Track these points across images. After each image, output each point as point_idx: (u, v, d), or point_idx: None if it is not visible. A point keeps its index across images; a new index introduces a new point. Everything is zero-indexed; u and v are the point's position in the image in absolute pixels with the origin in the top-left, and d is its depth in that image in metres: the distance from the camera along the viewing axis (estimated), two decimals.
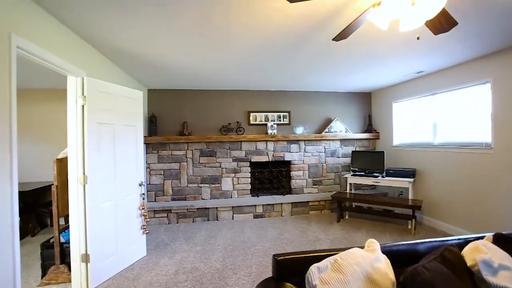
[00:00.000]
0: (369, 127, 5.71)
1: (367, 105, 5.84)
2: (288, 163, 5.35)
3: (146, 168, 4.77)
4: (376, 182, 4.49)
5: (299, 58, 3.39)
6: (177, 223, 4.53)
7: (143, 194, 3.15)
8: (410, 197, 4.24)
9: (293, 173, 5.31)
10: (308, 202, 4.97)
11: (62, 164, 2.64)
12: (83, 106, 2.44)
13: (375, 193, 5.29)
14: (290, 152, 5.30)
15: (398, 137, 5.10)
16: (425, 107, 4.43)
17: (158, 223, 4.49)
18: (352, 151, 5.11)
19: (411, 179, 4.23)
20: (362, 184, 5.49)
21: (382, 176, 4.51)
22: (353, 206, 4.86)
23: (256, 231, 4.11)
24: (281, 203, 4.86)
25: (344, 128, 5.55)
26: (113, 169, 2.76)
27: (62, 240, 2.70)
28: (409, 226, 4.15)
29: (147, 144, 4.77)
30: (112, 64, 3.36)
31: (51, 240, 2.74)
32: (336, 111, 5.65)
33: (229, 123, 5.11)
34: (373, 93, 5.81)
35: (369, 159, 4.89)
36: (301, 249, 3.40)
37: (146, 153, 4.78)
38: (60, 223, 2.69)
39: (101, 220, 2.61)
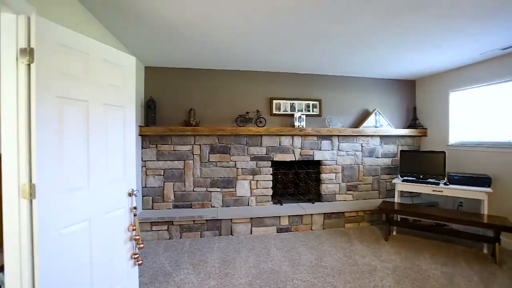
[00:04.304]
0: (413, 122, 4.71)
1: (410, 95, 4.83)
2: (318, 163, 4.34)
3: (142, 167, 3.75)
4: (437, 190, 3.49)
5: (354, 23, 2.36)
6: (181, 238, 3.52)
7: (135, 208, 2.14)
8: (484, 211, 3.24)
9: (323, 176, 4.30)
10: (343, 213, 3.98)
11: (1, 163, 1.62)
12: (29, 65, 1.41)
13: (419, 203, 4.31)
14: (320, 150, 4.29)
15: (456, 134, 4.10)
16: (505, 96, 3.42)
17: (156, 238, 3.47)
18: (401, 151, 4.10)
19: (487, 189, 3.22)
20: (406, 192, 4.51)
21: (445, 184, 3.51)
22: (399, 219, 3.87)
23: (285, 253, 3.11)
24: (311, 214, 3.85)
25: (386, 123, 4.54)
26: (86, 173, 1.74)
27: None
28: (485, 251, 3.16)
29: (143, 137, 3.75)
30: (91, 16, 2.32)
31: None
32: (375, 102, 4.64)
33: (247, 112, 4.09)
34: (418, 80, 4.79)
35: (423, 161, 3.87)
36: (358, 286, 2.41)
37: (142, 148, 3.75)
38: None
39: (63, 255, 1.60)
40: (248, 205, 4.02)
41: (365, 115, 4.57)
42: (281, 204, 4.09)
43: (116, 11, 2.27)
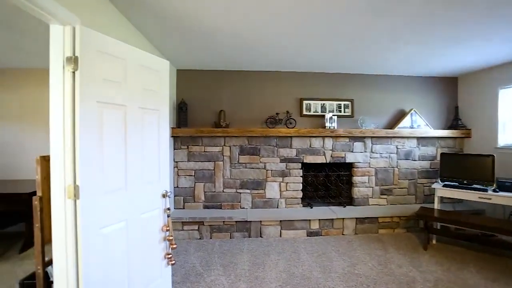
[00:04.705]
0: (454, 122, 4.38)
1: (452, 93, 4.50)
2: (350, 165, 4.19)
3: (174, 167, 3.85)
4: (485, 198, 3.20)
5: (395, 17, 2.21)
6: (211, 238, 3.57)
7: (168, 209, 2.19)
8: None
9: (356, 179, 4.14)
10: (377, 218, 3.79)
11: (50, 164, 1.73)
12: (73, 73, 1.48)
13: (462, 210, 4.00)
14: (353, 152, 4.13)
15: (507, 135, 3.74)
16: None
17: (187, 237, 3.55)
18: (442, 154, 3.82)
19: None
20: (446, 198, 4.20)
21: (494, 190, 3.21)
22: (439, 226, 3.61)
23: (316, 258, 3.03)
24: (343, 218, 3.72)
25: (423, 123, 4.27)
26: (123, 175, 1.80)
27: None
28: None
29: (175, 138, 3.84)
30: (127, 22, 2.40)
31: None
32: (412, 101, 4.38)
33: (277, 113, 4.04)
34: (461, 77, 4.45)
35: (467, 165, 3.58)
36: None
37: (174, 149, 3.85)
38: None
39: (104, 253, 1.67)
40: (277, 207, 3.98)
41: (400, 115, 4.33)
42: (311, 207, 4.00)
43: (151, 16, 2.33)
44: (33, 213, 1.71)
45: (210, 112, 4.01)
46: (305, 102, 4.14)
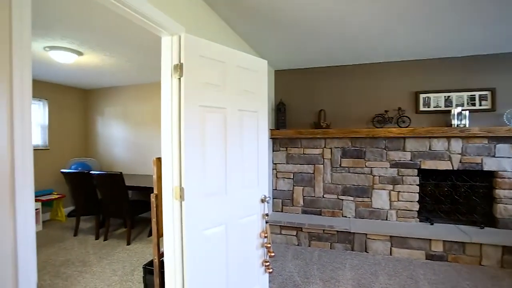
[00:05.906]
0: None
1: None
2: (490, 175, 3.24)
3: (273, 169, 3.85)
4: None
5: None
6: (309, 246, 3.38)
7: (267, 215, 2.13)
8: None
9: (500, 193, 3.16)
10: None
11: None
12: (179, 79, 1.58)
13: None
14: (494, 156, 3.18)
15: None
16: None
17: (285, 241, 3.48)
18: None
19: None
20: None
21: None
22: None
23: None
24: (480, 244, 2.90)
25: None
26: (224, 178, 1.83)
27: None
28: None
29: (274, 139, 3.84)
30: (225, 24, 2.46)
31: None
32: None
33: (386, 111, 3.51)
34: None
35: None
36: None
37: (273, 151, 3.85)
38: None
39: (205, 255, 1.72)
40: (386, 219, 3.45)
41: None
42: (431, 224, 3.28)
43: (248, 17, 2.34)
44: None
45: (309, 113, 3.84)
46: (422, 95, 3.45)
